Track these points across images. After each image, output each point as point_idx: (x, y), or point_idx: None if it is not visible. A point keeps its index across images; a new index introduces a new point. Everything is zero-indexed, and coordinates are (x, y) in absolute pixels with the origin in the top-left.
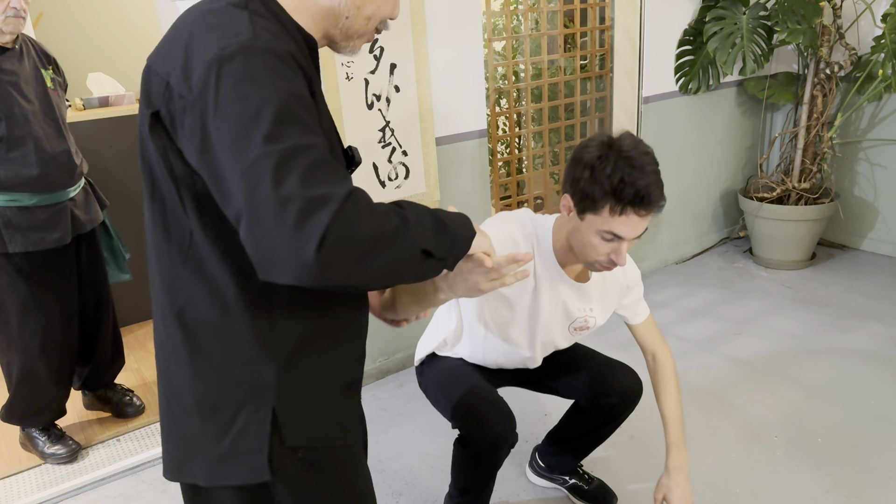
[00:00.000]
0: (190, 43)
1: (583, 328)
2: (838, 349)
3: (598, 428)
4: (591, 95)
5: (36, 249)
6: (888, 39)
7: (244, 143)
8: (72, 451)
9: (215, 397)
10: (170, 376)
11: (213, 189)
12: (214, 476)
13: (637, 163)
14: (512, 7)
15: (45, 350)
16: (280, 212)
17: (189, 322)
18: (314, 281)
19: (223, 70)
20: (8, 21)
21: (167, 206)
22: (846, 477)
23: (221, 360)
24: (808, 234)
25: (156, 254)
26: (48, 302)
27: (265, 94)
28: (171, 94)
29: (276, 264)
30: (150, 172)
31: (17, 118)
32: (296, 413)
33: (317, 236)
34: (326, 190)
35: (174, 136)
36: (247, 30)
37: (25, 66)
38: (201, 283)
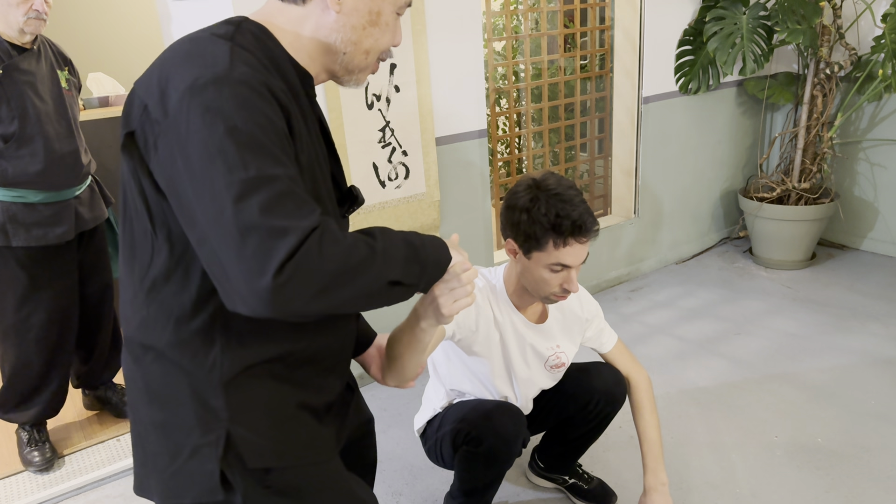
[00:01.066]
0: (170, 70)
1: (558, 365)
2: (838, 349)
3: (592, 429)
4: (591, 95)
5: (38, 245)
6: (888, 39)
7: (208, 173)
8: (46, 460)
9: (167, 418)
10: (131, 395)
11: (177, 213)
12: (169, 494)
13: (566, 197)
14: (512, 7)
15: (40, 344)
16: (239, 241)
17: (142, 343)
18: (270, 312)
19: (194, 100)
20: (30, 22)
21: (135, 225)
22: (846, 477)
23: (171, 384)
24: (808, 234)
25: (122, 271)
26: (46, 297)
27: (231, 125)
28: (147, 117)
29: (234, 293)
30: (123, 191)
31: (30, 117)
32: (252, 434)
33: (272, 268)
34: (288, 222)
35: (146, 158)
36: (224, 61)
37: (42, 67)
38: (155, 304)
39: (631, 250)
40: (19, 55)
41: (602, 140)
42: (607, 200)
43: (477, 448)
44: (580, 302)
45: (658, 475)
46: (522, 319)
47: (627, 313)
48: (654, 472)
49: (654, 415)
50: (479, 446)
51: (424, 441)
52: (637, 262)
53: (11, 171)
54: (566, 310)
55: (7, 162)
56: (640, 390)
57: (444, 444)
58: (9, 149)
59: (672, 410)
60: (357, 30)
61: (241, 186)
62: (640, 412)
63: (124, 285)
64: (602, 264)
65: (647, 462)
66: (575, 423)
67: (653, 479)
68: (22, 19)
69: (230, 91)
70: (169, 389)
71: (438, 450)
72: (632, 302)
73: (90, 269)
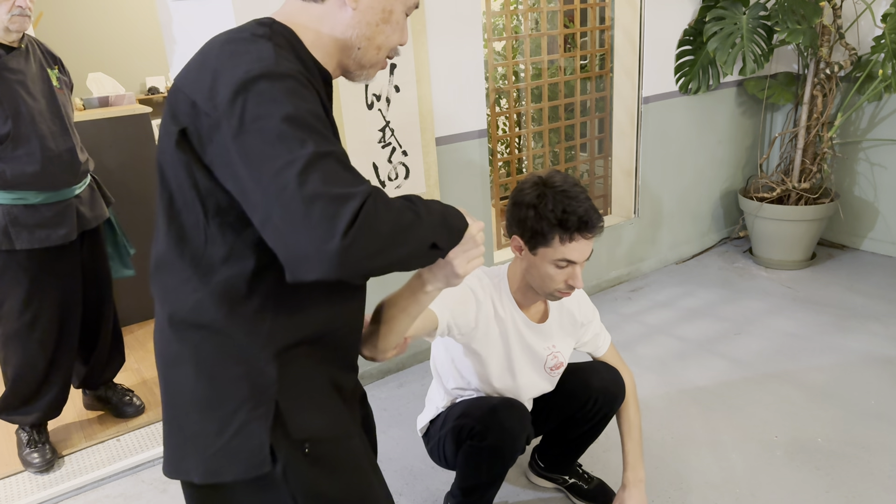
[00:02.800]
0: (217, 67)
1: (556, 366)
2: (838, 349)
3: (591, 428)
4: (591, 95)
5: (41, 246)
6: (888, 39)
7: (269, 154)
8: (46, 461)
9: (216, 395)
10: (171, 376)
11: (239, 199)
12: (209, 473)
13: (572, 194)
14: (512, 7)
15: (44, 346)
16: (306, 210)
17: (195, 323)
18: (339, 272)
19: (248, 91)
20: (14, 19)
21: (184, 217)
22: (846, 477)
23: (224, 360)
24: (808, 234)
25: (165, 261)
26: (50, 298)
27: (286, 111)
28: (197, 112)
29: (304, 261)
30: (168, 185)
31: (24, 117)
32: (297, 407)
33: (340, 231)
34: (348, 189)
35: (200, 152)
36: (270, 57)
37: (31, 66)
38: (211, 286)
39: (631, 250)
40: (7, 54)
41: (602, 140)
42: (607, 200)
43: (481, 442)
44: (578, 304)
45: (637, 472)
46: (524, 318)
47: (627, 313)
48: (633, 468)
49: (637, 414)
50: (484, 440)
51: (427, 440)
52: (637, 262)
53: (10, 172)
54: (565, 311)
55: (4, 164)
56: (628, 390)
57: (448, 441)
58: (4, 150)
59: (672, 410)
60: (371, 26)
61: (302, 162)
62: (624, 411)
63: (172, 272)
64: (602, 264)
65: (627, 459)
66: (574, 423)
67: (632, 474)
68: (6, 17)
69: (280, 83)
70: (222, 366)
71: (441, 448)
72: (632, 302)
73: (91, 269)
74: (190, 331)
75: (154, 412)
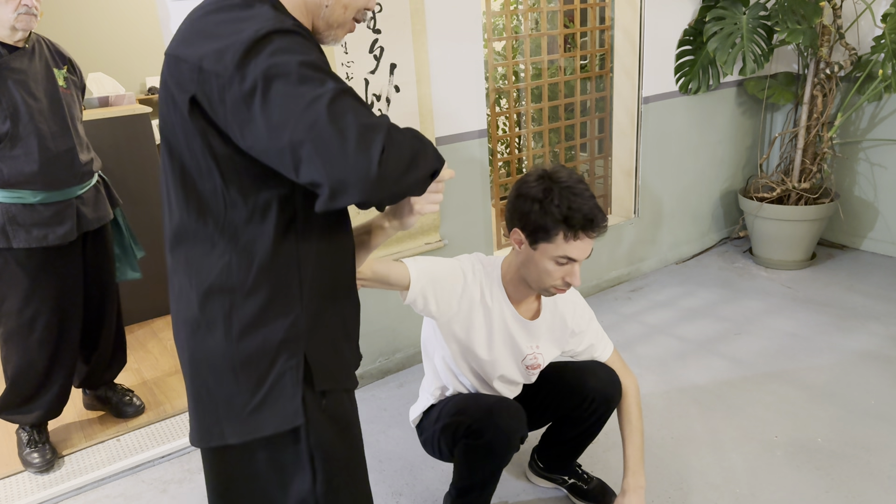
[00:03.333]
0: (220, 33)
1: (534, 366)
2: (838, 349)
3: (588, 428)
4: (591, 95)
5: (39, 246)
6: (888, 39)
7: (293, 94)
8: (46, 461)
9: (251, 353)
10: (199, 343)
11: (259, 151)
12: (246, 431)
13: (577, 191)
14: (512, 7)
15: (43, 345)
16: (342, 140)
17: (225, 286)
18: (377, 195)
19: (262, 46)
20: (20, 18)
21: (201, 185)
22: (846, 477)
23: (257, 319)
24: (808, 234)
25: (186, 231)
26: (49, 298)
27: (302, 58)
28: (204, 76)
29: (346, 187)
30: (179, 157)
31: (22, 116)
32: (321, 357)
33: (377, 156)
34: (374, 119)
35: (212, 115)
36: (273, 16)
37: (36, 65)
38: (236, 250)
39: (631, 250)
40: (10, 54)
41: (602, 140)
42: (607, 200)
43: (477, 440)
44: (573, 311)
45: (637, 478)
46: (512, 311)
47: (627, 313)
48: (634, 473)
49: (639, 419)
50: (479, 439)
51: (420, 431)
52: (637, 262)
53: (7, 171)
54: (557, 315)
55: (2, 163)
56: (628, 395)
57: (443, 437)
58: (3, 149)
59: (672, 410)
60: None
61: (329, 96)
62: (627, 416)
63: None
64: (602, 264)
65: (628, 464)
66: (572, 422)
67: (632, 480)
68: (12, 16)
69: (290, 37)
70: (255, 324)
71: (436, 442)
72: (632, 302)
73: (94, 269)
74: (220, 295)
75: (154, 412)
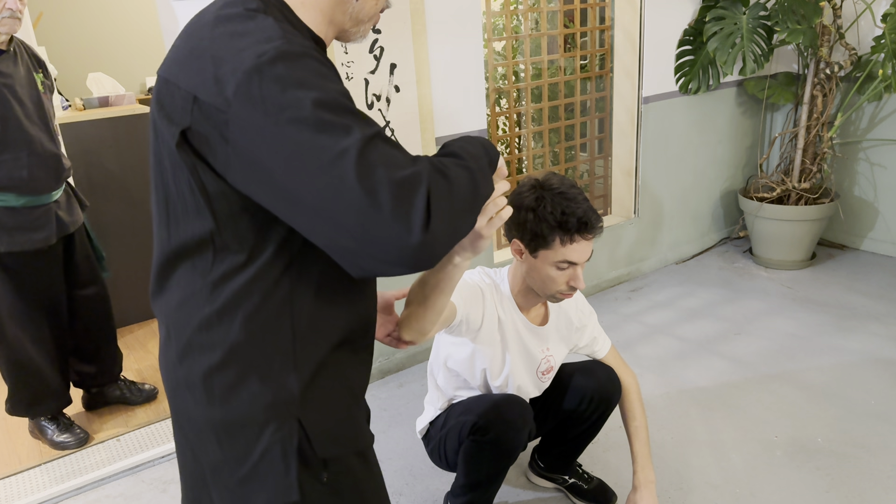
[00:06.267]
0: (216, 53)
1: (547, 371)
2: (838, 349)
3: (588, 428)
4: (591, 95)
5: (22, 249)
6: (888, 39)
7: (311, 146)
8: (80, 439)
9: (234, 419)
10: (181, 404)
11: (269, 202)
12: (238, 502)
13: (570, 195)
14: (512, 7)
15: (36, 342)
16: (372, 204)
17: (205, 344)
18: (422, 265)
19: (265, 78)
20: (4, 21)
21: (186, 225)
22: (846, 477)
23: (242, 379)
24: (808, 234)
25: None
26: (35, 300)
27: (316, 96)
28: (201, 108)
29: (378, 256)
30: (165, 189)
31: (12, 120)
32: (321, 421)
33: (420, 224)
34: (409, 170)
35: (207, 155)
36: (277, 34)
37: (20, 69)
38: (222, 300)
39: (631, 250)
40: None
41: (602, 140)
42: (607, 200)
43: (484, 436)
44: (576, 307)
45: (646, 473)
46: (524, 320)
47: (627, 313)
48: (643, 469)
49: (643, 415)
50: (487, 434)
51: (427, 442)
52: (637, 262)
53: None
54: (562, 314)
55: None
56: (630, 392)
57: (449, 439)
58: None
59: (672, 410)
60: None
61: (355, 151)
62: (630, 413)
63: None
64: (602, 264)
65: (636, 460)
66: (571, 422)
67: (642, 476)
68: None
69: (298, 63)
70: (239, 386)
71: (442, 447)
72: (632, 302)
73: (83, 272)
74: (201, 352)
75: (154, 412)
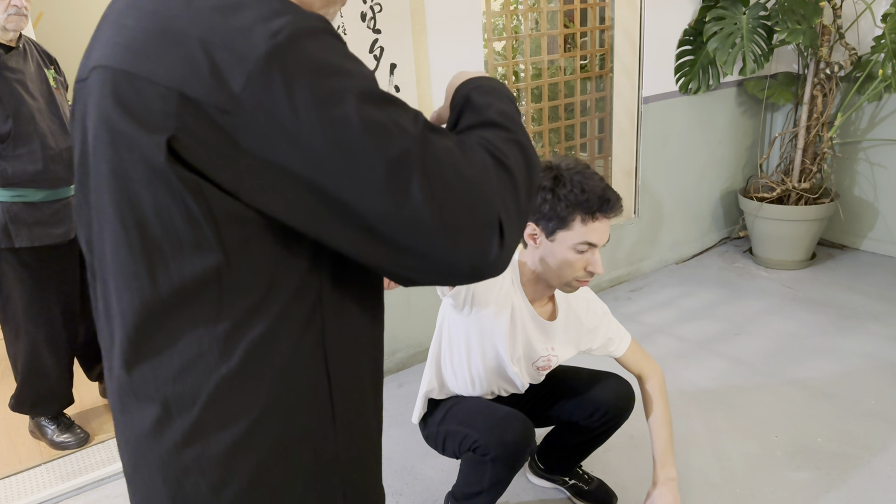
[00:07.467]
0: (205, 34)
1: (545, 367)
2: (838, 349)
3: (597, 437)
4: (591, 95)
5: (41, 244)
6: (888, 39)
7: (361, 154)
8: (80, 439)
9: (265, 496)
10: (191, 493)
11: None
12: None
13: (587, 174)
14: (512, 7)
15: (49, 342)
16: (443, 222)
17: (224, 415)
18: (497, 274)
19: (289, 63)
20: (10, 19)
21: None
22: (846, 477)
23: (276, 449)
24: (808, 234)
25: (155, 334)
26: (52, 296)
27: (357, 85)
28: (192, 110)
29: (446, 275)
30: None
31: (24, 115)
32: (357, 482)
33: (496, 236)
34: (473, 171)
35: (206, 167)
36: (281, 5)
37: (30, 65)
38: (239, 354)
39: (631, 250)
40: (6, 53)
41: (602, 140)
42: None
43: (484, 457)
44: (587, 308)
45: (666, 469)
46: (532, 311)
47: (627, 313)
48: (663, 466)
49: (665, 410)
50: (486, 455)
51: (423, 426)
52: (637, 262)
53: (11, 170)
54: (572, 314)
55: (6, 162)
56: (652, 386)
57: (449, 440)
58: (6, 148)
59: (672, 410)
60: None
61: (416, 156)
62: (651, 407)
63: (171, 350)
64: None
65: (657, 456)
66: (578, 430)
67: (661, 473)
68: (3, 16)
69: (323, 43)
70: (274, 455)
71: (440, 443)
72: (632, 302)
73: None
74: (219, 428)
75: None
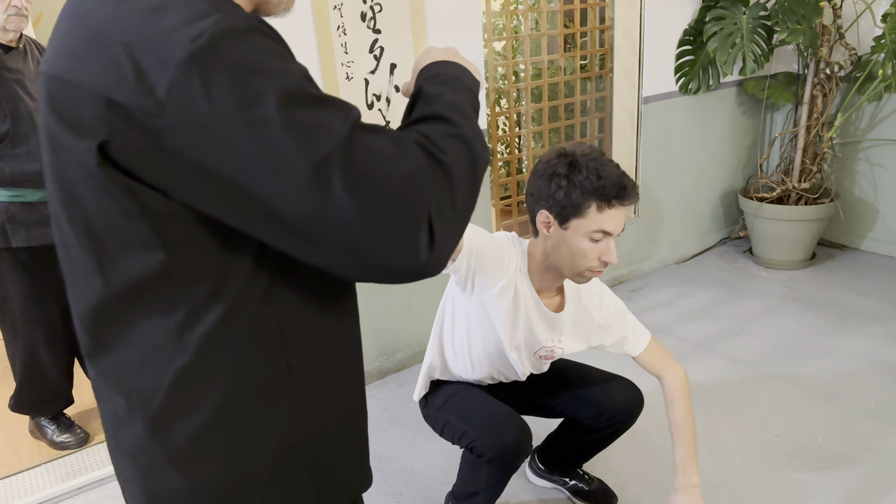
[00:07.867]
0: (129, 37)
1: (548, 357)
2: (838, 349)
3: (600, 439)
4: (591, 95)
5: (38, 244)
6: (888, 39)
7: (282, 154)
8: (80, 439)
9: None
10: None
11: (233, 217)
12: None
13: (603, 161)
14: (512, 7)
15: (48, 342)
16: (370, 222)
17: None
18: (430, 275)
19: (208, 68)
20: (10, 20)
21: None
22: (846, 477)
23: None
24: (808, 234)
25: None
26: (50, 296)
27: (279, 86)
28: (120, 115)
29: (379, 274)
30: (86, 217)
31: (23, 116)
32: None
33: (425, 238)
34: (403, 171)
35: (139, 169)
36: (208, 6)
37: (30, 65)
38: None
39: (631, 250)
40: (6, 54)
41: (602, 140)
42: None
43: (480, 458)
44: (599, 304)
45: (688, 475)
46: (538, 301)
47: None
48: (684, 472)
49: (686, 413)
50: (483, 457)
51: (423, 405)
52: (637, 262)
53: (9, 170)
54: (582, 307)
55: (4, 161)
56: (673, 388)
57: (447, 430)
58: (4, 148)
59: None
60: None
61: (339, 156)
62: (671, 410)
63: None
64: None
65: (678, 462)
66: (584, 430)
67: (683, 479)
68: (3, 17)
69: (248, 43)
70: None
71: (439, 427)
72: (632, 302)
73: None
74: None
75: None
